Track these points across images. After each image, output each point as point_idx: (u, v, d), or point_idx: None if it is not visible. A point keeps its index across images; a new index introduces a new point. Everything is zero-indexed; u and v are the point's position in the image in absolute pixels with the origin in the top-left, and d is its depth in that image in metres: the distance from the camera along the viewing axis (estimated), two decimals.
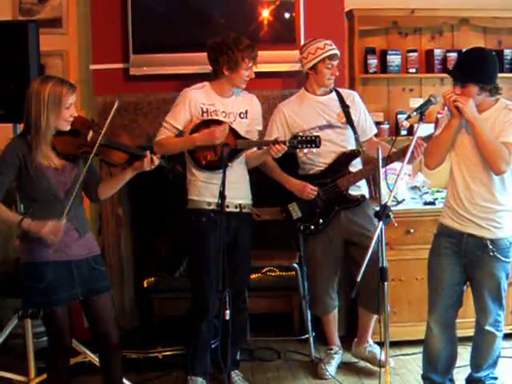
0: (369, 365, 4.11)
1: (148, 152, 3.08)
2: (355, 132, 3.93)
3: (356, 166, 3.95)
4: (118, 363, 3.27)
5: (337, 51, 3.88)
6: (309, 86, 3.97)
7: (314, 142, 3.49)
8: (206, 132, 3.58)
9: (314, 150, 3.63)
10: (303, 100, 3.97)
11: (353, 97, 4.03)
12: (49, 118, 2.93)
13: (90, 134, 3.02)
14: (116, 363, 3.26)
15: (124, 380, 3.42)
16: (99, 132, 3.02)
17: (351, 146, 3.93)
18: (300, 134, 3.70)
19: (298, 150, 3.76)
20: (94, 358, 3.72)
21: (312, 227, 3.95)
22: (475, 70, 3.18)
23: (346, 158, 3.90)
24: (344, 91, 4.06)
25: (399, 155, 3.67)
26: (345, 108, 3.94)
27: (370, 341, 4.15)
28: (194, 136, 3.63)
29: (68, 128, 3.01)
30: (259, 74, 3.80)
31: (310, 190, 3.87)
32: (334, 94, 3.98)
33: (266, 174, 3.94)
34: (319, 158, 3.91)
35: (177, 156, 3.60)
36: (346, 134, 3.93)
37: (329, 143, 3.86)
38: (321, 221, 3.93)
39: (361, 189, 3.96)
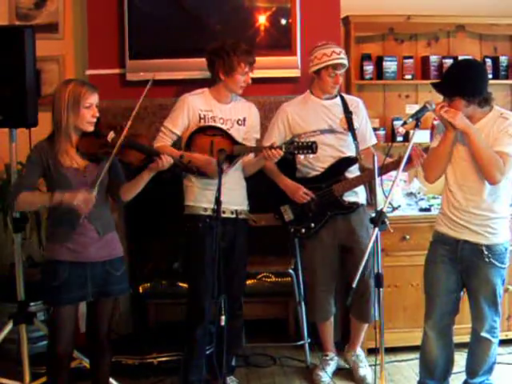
0: None
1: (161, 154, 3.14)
2: (355, 139, 3.91)
3: (353, 172, 3.93)
4: (106, 362, 3.32)
5: (344, 61, 3.80)
6: (313, 88, 3.95)
7: (311, 147, 3.44)
8: (204, 159, 3.56)
9: (311, 156, 3.63)
10: (307, 102, 3.95)
11: (357, 104, 4.00)
12: (69, 117, 3.05)
13: (111, 134, 3.09)
14: (104, 362, 3.31)
15: None
16: (120, 133, 3.09)
17: (350, 152, 3.91)
18: (296, 139, 3.70)
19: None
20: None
21: (303, 230, 3.93)
22: (460, 84, 3.16)
23: (343, 163, 3.89)
24: (349, 97, 4.04)
25: (395, 165, 3.59)
26: (348, 114, 3.92)
27: (358, 350, 4.14)
28: (192, 155, 3.58)
29: (91, 129, 3.12)
30: (255, 80, 3.80)
31: (303, 194, 3.86)
32: (338, 99, 3.96)
33: (265, 173, 3.90)
34: (317, 163, 3.89)
35: None
36: (346, 140, 3.91)
37: (328, 148, 3.86)
38: (312, 225, 3.90)
39: (358, 195, 3.94)
